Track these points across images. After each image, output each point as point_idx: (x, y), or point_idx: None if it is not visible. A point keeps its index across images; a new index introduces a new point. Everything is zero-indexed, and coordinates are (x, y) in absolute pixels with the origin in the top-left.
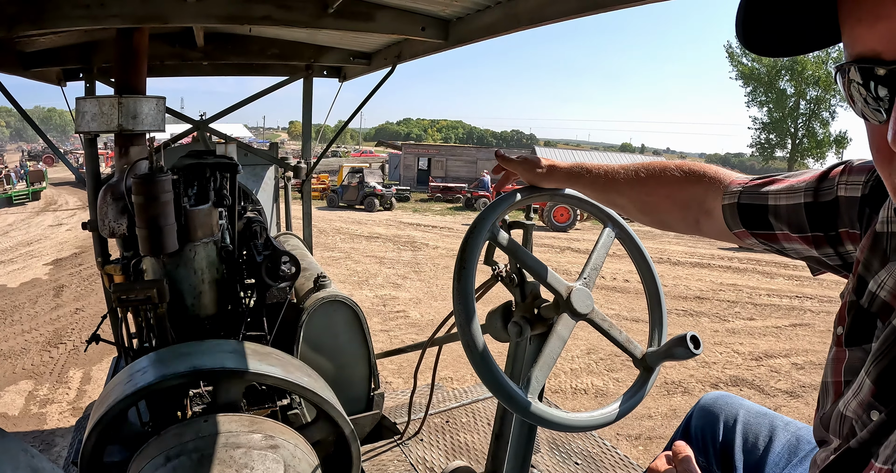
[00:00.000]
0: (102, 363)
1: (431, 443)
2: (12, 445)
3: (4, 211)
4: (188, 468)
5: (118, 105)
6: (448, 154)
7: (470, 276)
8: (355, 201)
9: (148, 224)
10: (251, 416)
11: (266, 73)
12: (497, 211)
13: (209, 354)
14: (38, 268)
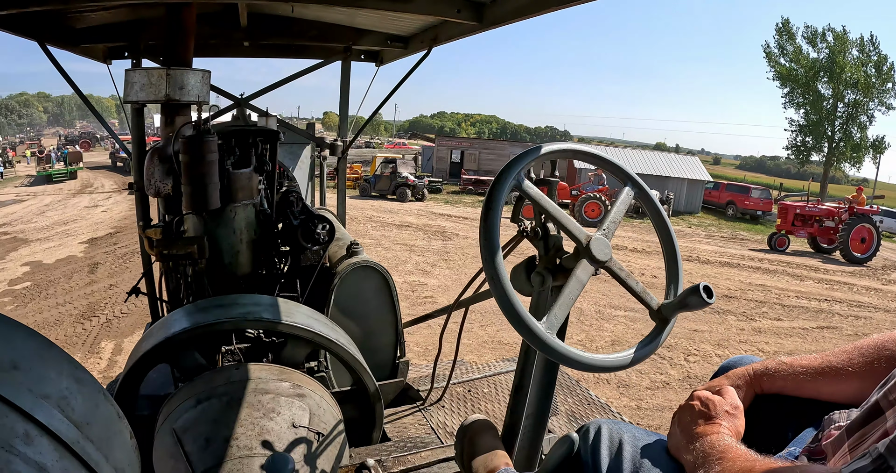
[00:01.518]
0: (134, 335)
1: (452, 410)
2: (57, 354)
3: (42, 191)
4: (217, 410)
5: (166, 76)
6: (481, 148)
7: (496, 216)
8: (387, 191)
9: (193, 182)
10: (280, 366)
11: (304, 55)
12: (523, 162)
13: (245, 306)
14: (74, 246)
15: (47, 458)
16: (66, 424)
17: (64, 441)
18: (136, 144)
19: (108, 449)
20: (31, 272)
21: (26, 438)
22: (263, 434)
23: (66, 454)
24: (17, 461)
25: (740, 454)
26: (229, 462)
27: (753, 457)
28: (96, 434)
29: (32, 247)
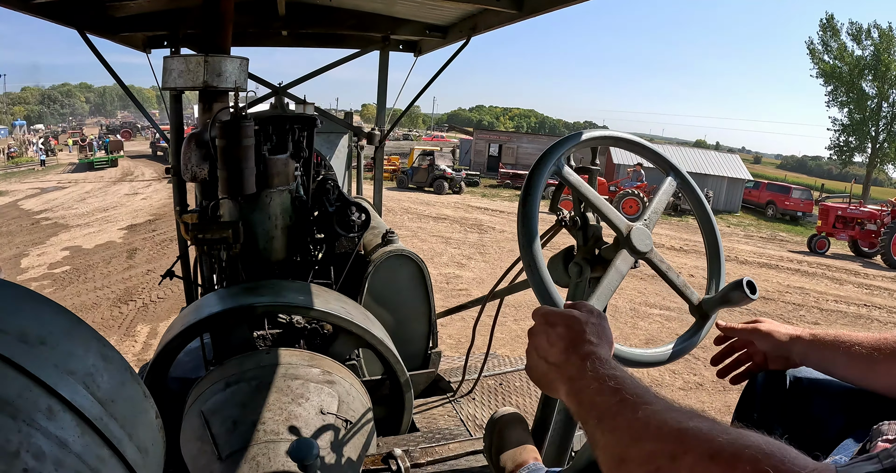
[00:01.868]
0: (169, 319)
1: (483, 403)
2: (86, 331)
3: (83, 179)
4: (246, 393)
5: (204, 63)
6: (519, 142)
7: (534, 201)
8: (425, 183)
9: (229, 166)
10: (311, 352)
11: (342, 45)
12: (563, 147)
13: (277, 291)
14: (113, 232)
15: (69, 434)
16: (90, 400)
17: (87, 417)
18: (175, 130)
19: (131, 428)
20: (71, 257)
21: (49, 413)
22: (291, 420)
23: (87, 430)
24: (38, 435)
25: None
26: (255, 446)
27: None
28: (120, 412)
29: (72, 232)
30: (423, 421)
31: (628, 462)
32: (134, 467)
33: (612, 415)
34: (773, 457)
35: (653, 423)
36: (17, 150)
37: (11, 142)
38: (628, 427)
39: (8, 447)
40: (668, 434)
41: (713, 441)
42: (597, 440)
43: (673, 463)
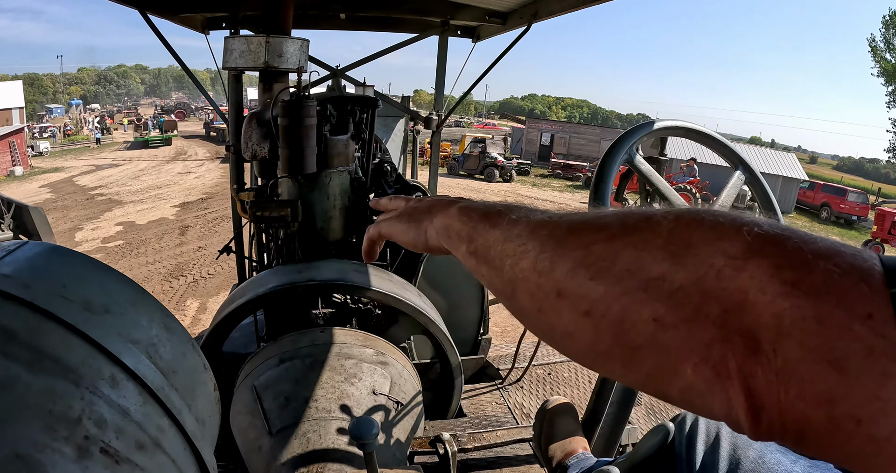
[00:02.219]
0: (219, 295)
1: (531, 391)
2: (150, 302)
3: (137, 157)
4: (299, 370)
5: (265, 44)
6: (571, 132)
7: (606, 187)
8: (476, 171)
9: (290, 145)
10: (365, 332)
11: (400, 29)
12: (635, 135)
13: (335, 270)
14: (166, 209)
15: (131, 402)
16: (152, 370)
17: (149, 386)
18: (234, 109)
19: (191, 399)
20: (124, 232)
21: (112, 381)
22: (343, 398)
23: (149, 399)
24: (100, 403)
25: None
26: (306, 423)
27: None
28: (181, 383)
29: (126, 208)
30: (471, 407)
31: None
32: (192, 438)
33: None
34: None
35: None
36: (74, 128)
37: (67, 120)
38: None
39: (70, 413)
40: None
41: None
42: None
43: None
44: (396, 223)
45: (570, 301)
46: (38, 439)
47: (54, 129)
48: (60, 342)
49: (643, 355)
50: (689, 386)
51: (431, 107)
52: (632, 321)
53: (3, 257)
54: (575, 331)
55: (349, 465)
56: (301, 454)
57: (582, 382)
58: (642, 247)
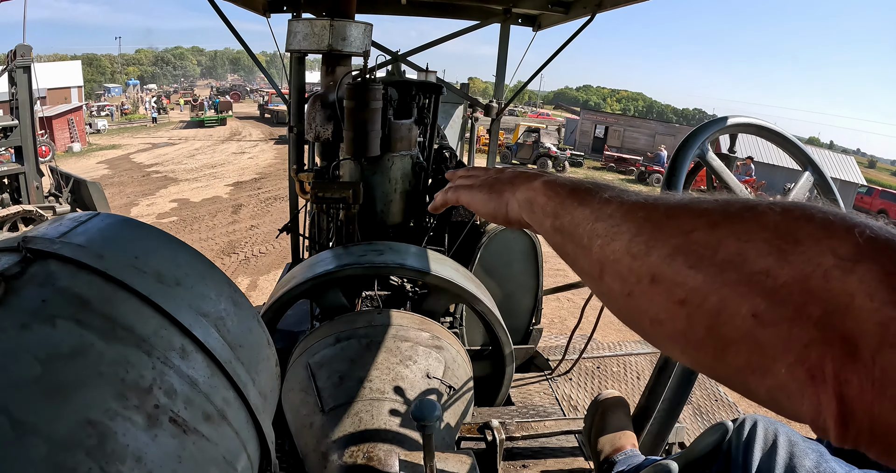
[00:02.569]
0: (269, 274)
1: (579, 384)
2: (218, 276)
3: (193, 136)
4: (355, 350)
5: (329, 27)
6: (626, 125)
7: (678, 183)
8: (528, 160)
9: (355, 128)
10: (422, 316)
11: (462, 15)
12: (708, 131)
13: (394, 253)
14: (220, 188)
15: (199, 374)
16: (221, 343)
17: (217, 359)
18: (296, 91)
19: (255, 373)
20: (178, 209)
21: (182, 352)
22: (397, 380)
23: (217, 372)
24: (171, 373)
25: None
26: (360, 402)
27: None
28: (246, 357)
29: (181, 186)
30: (519, 396)
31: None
32: (255, 411)
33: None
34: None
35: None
36: (130, 107)
37: (125, 100)
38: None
39: (142, 382)
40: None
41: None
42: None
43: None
44: (477, 193)
45: (664, 288)
46: (110, 406)
47: (112, 107)
48: (133, 313)
49: (736, 349)
50: (780, 386)
51: (485, 94)
52: (729, 313)
53: (76, 228)
54: (666, 319)
55: (399, 446)
56: (352, 433)
57: (630, 377)
58: (746, 238)
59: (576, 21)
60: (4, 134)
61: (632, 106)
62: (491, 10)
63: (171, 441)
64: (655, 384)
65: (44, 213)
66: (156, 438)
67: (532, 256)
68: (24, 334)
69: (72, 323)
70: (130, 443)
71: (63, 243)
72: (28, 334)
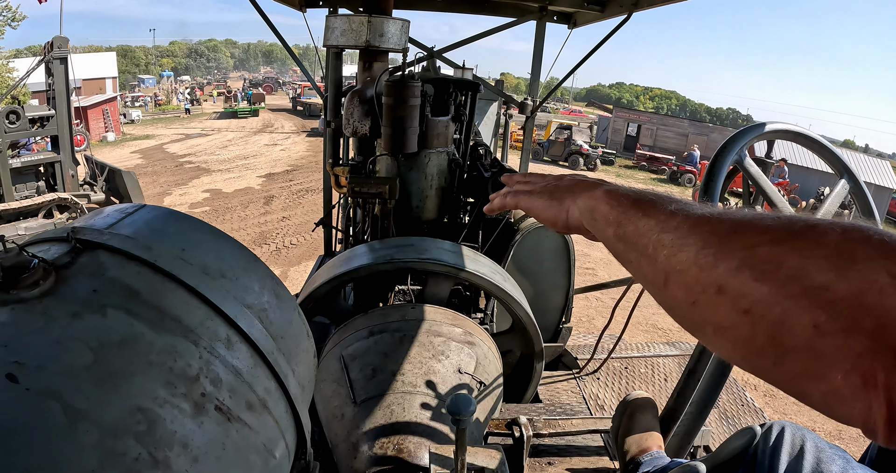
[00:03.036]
0: (300, 265)
1: (606, 383)
2: (262, 269)
3: (225, 127)
4: (389, 344)
5: (367, 23)
6: (659, 124)
7: (716, 188)
8: (560, 157)
9: (393, 124)
10: (454, 312)
11: (497, 12)
12: (746, 137)
13: (429, 249)
14: (252, 179)
15: (243, 364)
16: (264, 335)
17: (260, 350)
18: (333, 86)
19: (295, 364)
20: (211, 199)
21: (227, 343)
22: (429, 374)
23: (259, 362)
24: (216, 362)
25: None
26: (392, 395)
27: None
28: (287, 349)
29: (213, 177)
30: (546, 394)
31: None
32: (294, 401)
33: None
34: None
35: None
36: (164, 98)
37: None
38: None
39: (189, 371)
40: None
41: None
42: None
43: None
44: (537, 199)
45: (730, 298)
46: (159, 394)
47: (146, 98)
48: (181, 303)
49: (795, 356)
50: (834, 391)
51: (517, 90)
52: (791, 324)
53: (123, 219)
54: (730, 327)
55: (430, 439)
56: (384, 424)
57: (658, 379)
58: (808, 255)
59: (611, 20)
60: (41, 123)
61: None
62: (527, 7)
63: (216, 428)
64: (684, 387)
65: (78, 200)
66: (202, 425)
67: (564, 254)
68: (76, 322)
69: (122, 313)
70: (178, 430)
71: (111, 233)
72: (80, 322)
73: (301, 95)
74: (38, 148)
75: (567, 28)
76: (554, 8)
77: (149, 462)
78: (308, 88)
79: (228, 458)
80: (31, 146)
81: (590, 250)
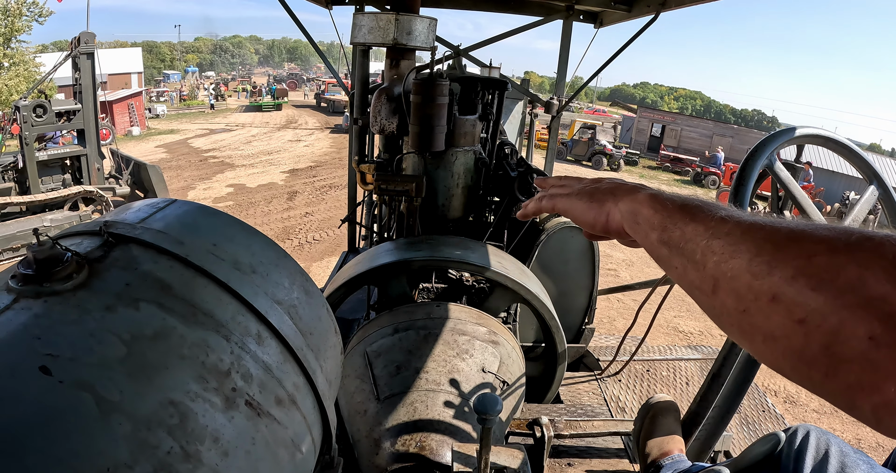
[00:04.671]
0: (323, 260)
1: (628, 386)
2: (291, 265)
3: (250, 123)
4: (413, 341)
5: (395, 21)
6: (684, 124)
7: (746, 194)
8: (583, 157)
9: (421, 122)
10: (479, 311)
11: (523, 11)
12: (776, 142)
13: (455, 247)
14: (276, 175)
15: (273, 360)
16: (294, 331)
17: (290, 346)
18: (360, 83)
19: (323, 360)
20: (235, 193)
21: (258, 338)
22: (453, 373)
23: (289, 358)
24: (247, 358)
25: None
26: (415, 393)
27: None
28: (316, 345)
29: (237, 172)
30: (568, 394)
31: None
32: (321, 397)
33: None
34: None
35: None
36: (189, 93)
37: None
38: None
39: (221, 366)
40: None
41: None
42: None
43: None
44: (576, 201)
45: (784, 307)
46: (191, 388)
47: (172, 93)
48: (213, 298)
49: (849, 368)
50: (887, 403)
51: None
52: (846, 334)
53: (154, 214)
54: (781, 336)
55: (452, 437)
56: (406, 422)
57: (679, 382)
58: (866, 266)
59: (637, 20)
60: (68, 117)
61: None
62: (553, 7)
63: (246, 423)
64: (708, 391)
65: (104, 193)
66: (232, 420)
67: (589, 255)
68: (109, 315)
69: (154, 307)
70: (209, 424)
71: (143, 228)
72: (113, 315)
73: (325, 92)
74: (65, 141)
75: (593, 27)
76: (580, 7)
77: (180, 455)
78: (332, 85)
79: (257, 453)
80: (58, 139)
81: (612, 252)
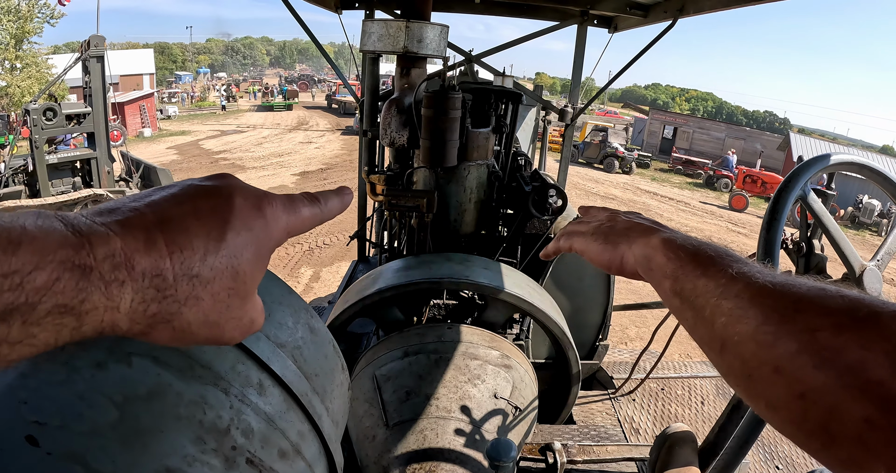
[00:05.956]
0: (332, 266)
1: (642, 405)
2: (296, 302)
3: (261, 124)
4: (424, 365)
5: (405, 29)
6: (695, 126)
7: (779, 227)
8: (595, 160)
9: (433, 137)
10: (492, 333)
11: (537, 16)
12: (810, 171)
13: (467, 267)
14: (286, 177)
15: (276, 409)
16: (298, 375)
17: (294, 393)
18: (370, 92)
19: (329, 401)
20: None
21: (260, 388)
22: (464, 399)
23: (293, 406)
24: (248, 411)
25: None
26: (425, 420)
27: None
28: (321, 386)
29: (248, 174)
30: (581, 414)
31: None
32: (328, 441)
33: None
34: None
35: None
36: (200, 94)
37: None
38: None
39: (220, 424)
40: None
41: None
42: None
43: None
44: (592, 242)
45: (786, 380)
46: (188, 451)
47: (183, 94)
48: (210, 348)
49: (842, 444)
50: None
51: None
52: (843, 414)
53: None
54: (782, 407)
55: (462, 467)
56: (416, 450)
57: (694, 402)
58: (868, 347)
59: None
60: (78, 120)
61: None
62: (567, 12)
63: None
64: (727, 422)
65: (113, 196)
66: None
67: (604, 272)
68: (100, 374)
69: (148, 361)
70: None
71: None
72: (104, 374)
73: (336, 93)
74: (75, 144)
75: (608, 32)
76: (595, 12)
77: None
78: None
79: None
80: (69, 142)
81: None
